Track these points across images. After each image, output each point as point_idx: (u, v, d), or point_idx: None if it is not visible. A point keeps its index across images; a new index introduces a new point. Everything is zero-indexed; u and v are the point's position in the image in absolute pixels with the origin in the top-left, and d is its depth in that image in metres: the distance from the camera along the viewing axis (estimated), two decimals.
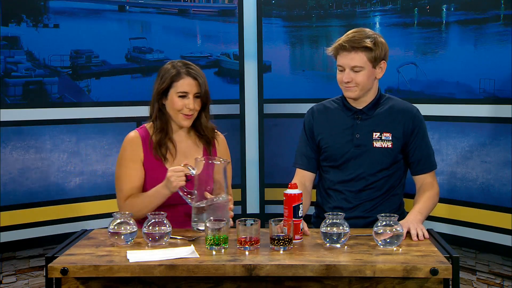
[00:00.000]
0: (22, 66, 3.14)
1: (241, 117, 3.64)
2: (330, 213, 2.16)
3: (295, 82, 3.59)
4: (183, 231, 2.37)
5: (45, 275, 2.01)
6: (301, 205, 2.20)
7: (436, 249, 2.10)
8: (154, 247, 2.14)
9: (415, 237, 2.21)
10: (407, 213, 2.47)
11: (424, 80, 3.22)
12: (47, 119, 3.20)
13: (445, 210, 3.14)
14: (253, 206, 3.68)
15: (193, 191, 2.34)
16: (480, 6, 3.02)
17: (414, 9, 3.27)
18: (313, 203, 2.68)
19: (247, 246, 2.08)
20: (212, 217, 2.17)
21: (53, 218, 3.23)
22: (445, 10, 3.17)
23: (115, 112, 3.34)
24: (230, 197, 2.37)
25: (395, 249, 2.10)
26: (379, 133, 2.48)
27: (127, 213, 2.21)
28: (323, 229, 2.14)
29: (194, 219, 2.34)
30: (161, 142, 2.49)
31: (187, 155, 2.53)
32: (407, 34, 3.28)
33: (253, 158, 3.63)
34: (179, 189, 2.33)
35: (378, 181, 2.49)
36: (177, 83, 2.46)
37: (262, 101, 3.63)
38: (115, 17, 3.39)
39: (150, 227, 2.16)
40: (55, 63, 3.22)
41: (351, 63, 2.41)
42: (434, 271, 1.91)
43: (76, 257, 2.03)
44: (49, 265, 1.96)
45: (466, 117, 3.07)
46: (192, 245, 2.14)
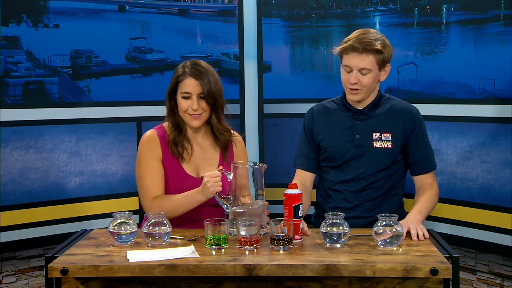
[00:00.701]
0: (22, 66, 3.14)
1: (241, 117, 3.64)
2: (330, 213, 2.16)
3: (295, 82, 3.59)
4: (183, 231, 2.37)
5: (45, 275, 2.01)
6: (301, 205, 2.20)
7: (436, 249, 2.10)
8: (154, 247, 2.14)
9: (415, 237, 2.21)
10: (407, 213, 2.47)
11: (424, 80, 3.22)
12: (47, 119, 3.20)
13: (445, 210, 3.13)
14: None
15: (229, 196, 2.32)
16: (480, 6, 3.02)
17: (414, 9, 3.27)
18: (313, 203, 2.68)
19: (247, 246, 2.08)
20: (248, 222, 2.12)
21: (53, 218, 3.22)
22: (445, 10, 3.17)
23: (115, 112, 3.34)
24: (266, 202, 2.32)
25: (395, 249, 2.10)
26: (379, 134, 2.48)
27: (127, 213, 2.21)
28: (323, 229, 2.14)
29: (229, 223, 2.27)
30: (176, 140, 2.48)
31: (203, 157, 2.53)
32: (407, 34, 3.28)
33: (253, 158, 3.63)
34: (215, 194, 2.32)
35: (378, 181, 2.49)
36: (181, 84, 2.47)
37: (262, 101, 3.63)
38: (115, 17, 3.39)
39: (150, 227, 2.16)
40: (55, 63, 3.22)
41: (360, 64, 2.40)
42: (434, 271, 1.92)
43: (76, 257, 2.03)
44: (49, 265, 1.96)
45: (466, 117, 3.07)
46: (192, 245, 2.14)
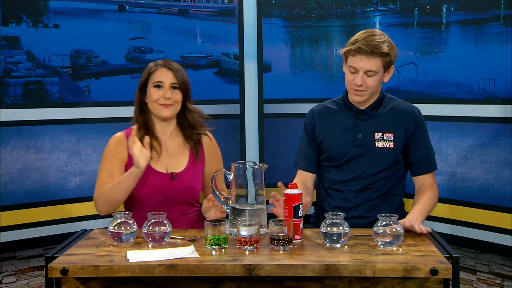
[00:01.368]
0: (22, 66, 3.14)
1: (241, 117, 3.64)
2: (330, 213, 2.16)
3: (295, 82, 3.59)
4: (183, 231, 2.37)
5: (45, 275, 2.01)
6: (301, 205, 2.20)
7: (436, 249, 2.10)
8: (154, 247, 2.14)
9: (419, 231, 2.21)
10: (407, 213, 2.47)
11: (424, 80, 3.22)
12: (47, 119, 3.20)
13: (445, 210, 3.13)
14: None
15: (229, 196, 2.33)
16: (480, 6, 3.02)
17: (414, 9, 3.27)
18: (313, 203, 2.68)
19: (247, 246, 2.08)
20: (248, 222, 2.14)
21: (53, 218, 3.22)
22: (445, 10, 3.17)
23: (115, 112, 3.34)
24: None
25: (395, 249, 2.10)
26: (381, 133, 2.49)
27: (127, 213, 2.21)
28: (323, 229, 2.14)
29: (230, 223, 2.29)
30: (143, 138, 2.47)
31: (172, 155, 2.53)
32: (407, 34, 3.28)
33: (253, 158, 3.63)
34: (216, 193, 2.34)
35: (379, 181, 2.49)
36: (153, 75, 2.52)
37: (262, 101, 3.63)
38: (115, 17, 3.39)
39: (150, 227, 2.16)
40: (55, 63, 3.22)
41: (366, 67, 2.39)
42: (434, 271, 1.92)
43: (76, 257, 2.03)
44: (49, 265, 1.96)
45: (466, 117, 3.07)
46: (192, 245, 2.14)
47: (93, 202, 2.48)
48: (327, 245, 2.13)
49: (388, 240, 2.11)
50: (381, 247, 2.11)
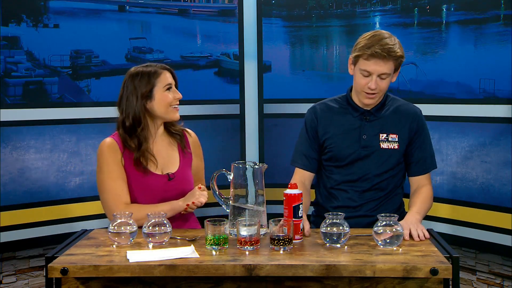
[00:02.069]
0: (22, 66, 3.14)
1: (241, 117, 3.64)
2: (330, 213, 2.16)
3: (295, 82, 3.59)
4: (183, 231, 2.37)
5: (45, 275, 2.01)
6: (301, 205, 2.20)
7: (436, 249, 2.10)
8: (154, 247, 2.14)
9: (416, 238, 2.21)
10: (406, 212, 2.48)
11: (424, 80, 3.22)
12: (47, 119, 3.20)
13: (445, 210, 3.14)
14: None
15: (229, 196, 2.33)
16: (480, 6, 3.02)
17: (414, 9, 3.27)
18: (312, 203, 2.68)
19: (247, 246, 2.08)
20: (248, 222, 2.14)
21: (53, 218, 3.22)
22: (445, 10, 3.17)
23: (115, 112, 3.32)
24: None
25: (395, 249, 2.10)
26: (385, 134, 2.49)
27: (127, 213, 2.21)
28: (323, 229, 2.14)
29: (229, 223, 2.28)
30: (143, 155, 2.47)
31: (164, 156, 2.54)
32: (407, 34, 3.28)
33: (253, 158, 3.63)
34: (217, 193, 2.37)
35: (383, 182, 2.50)
36: (159, 79, 2.49)
37: (262, 101, 3.63)
38: (115, 17, 3.39)
39: (150, 227, 2.16)
40: (55, 63, 3.22)
41: (381, 70, 2.38)
42: (434, 271, 1.92)
43: (76, 257, 2.03)
44: (49, 265, 1.96)
45: (466, 117, 3.07)
46: (192, 245, 2.14)
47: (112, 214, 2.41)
48: (327, 245, 2.13)
49: (388, 240, 2.11)
50: (381, 247, 2.11)
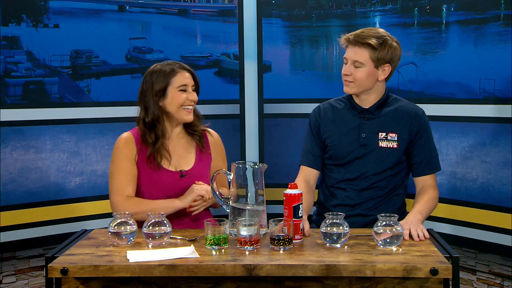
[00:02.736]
0: (22, 66, 3.14)
1: (241, 117, 3.64)
2: (330, 213, 2.16)
3: (295, 82, 3.59)
4: (183, 231, 2.37)
5: (45, 275, 2.01)
6: (301, 205, 2.20)
7: (436, 249, 2.10)
8: (154, 247, 2.14)
9: (416, 238, 2.21)
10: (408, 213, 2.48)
11: (424, 80, 3.22)
12: (47, 119, 3.20)
13: (445, 210, 3.13)
14: None
15: (229, 196, 2.33)
16: (480, 6, 3.02)
17: (414, 9, 3.27)
18: (315, 202, 2.68)
19: (247, 246, 2.08)
20: (248, 222, 2.14)
21: (53, 218, 3.23)
22: (445, 10, 3.17)
23: (115, 112, 3.34)
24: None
25: (395, 249, 2.10)
26: (385, 133, 2.49)
27: (127, 213, 2.21)
28: (323, 229, 2.14)
29: (229, 223, 2.28)
30: (158, 151, 2.49)
31: (181, 154, 2.54)
32: (407, 34, 3.28)
33: (253, 158, 3.63)
34: (217, 193, 2.37)
35: (381, 181, 2.50)
36: (175, 78, 2.49)
37: (262, 101, 3.63)
38: (115, 17, 3.39)
39: (150, 227, 2.16)
40: (55, 63, 3.22)
41: (353, 57, 2.44)
42: (434, 271, 1.91)
43: (76, 257, 2.03)
44: (49, 265, 1.96)
45: (466, 117, 3.07)
46: (192, 245, 2.14)
47: (112, 204, 2.45)
48: (327, 245, 2.13)
49: (388, 240, 2.11)
50: (381, 247, 2.11)
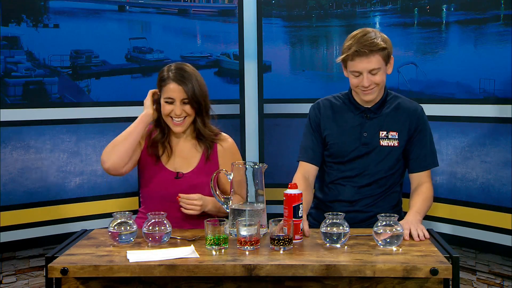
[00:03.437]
0: (22, 66, 3.14)
1: (241, 117, 3.64)
2: (330, 213, 2.16)
3: (295, 82, 3.59)
4: (183, 231, 2.37)
5: (45, 275, 2.01)
6: (301, 205, 2.20)
7: (436, 249, 2.10)
8: (154, 247, 2.14)
9: (416, 238, 2.21)
10: (404, 213, 2.48)
11: (424, 80, 3.22)
12: (47, 119, 3.20)
13: (445, 210, 3.13)
14: None
15: (229, 196, 2.33)
16: (480, 6, 3.02)
17: (414, 9, 3.27)
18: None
19: (247, 246, 2.08)
20: (248, 222, 2.14)
21: (53, 218, 3.22)
22: (445, 10, 3.17)
23: (115, 112, 3.34)
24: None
25: (395, 249, 2.10)
26: (385, 132, 2.50)
27: (127, 213, 2.21)
28: (323, 229, 2.14)
29: (229, 223, 2.28)
30: (157, 142, 2.52)
31: (184, 156, 2.54)
32: (407, 34, 3.28)
33: (253, 158, 3.63)
34: (216, 193, 2.34)
35: (381, 179, 2.51)
36: (164, 88, 2.48)
37: (262, 101, 3.63)
38: (115, 17, 3.39)
39: (150, 227, 2.16)
40: (55, 63, 3.22)
41: (369, 66, 2.39)
42: (434, 271, 1.92)
43: (76, 257, 2.03)
44: (49, 265, 1.96)
45: (466, 117, 3.07)
46: (192, 245, 2.14)
47: (101, 160, 2.49)
48: (327, 245, 2.14)
49: (388, 240, 2.11)
50: (381, 247, 2.11)
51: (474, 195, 3.05)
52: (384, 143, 2.50)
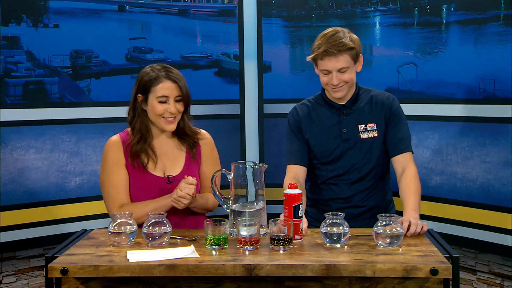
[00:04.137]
0: (22, 66, 3.14)
1: (241, 117, 3.64)
2: (330, 213, 2.17)
3: (295, 82, 3.59)
4: (183, 231, 2.37)
5: (45, 275, 2.01)
6: (301, 205, 2.20)
7: (436, 249, 2.10)
8: (154, 247, 2.14)
9: (411, 233, 2.22)
10: (392, 199, 2.56)
11: (424, 80, 3.22)
12: (47, 119, 3.20)
13: (445, 210, 3.13)
14: None
15: (229, 196, 2.33)
16: (480, 6, 3.02)
17: (414, 9, 3.27)
18: None
19: (247, 246, 2.08)
20: (248, 222, 2.14)
21: (53, 218, 3.23)
22: (445, 10, 3.17)
23: (115, 112, 3.34)
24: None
25: (395, 249, 2.10)
26: (364, 125, 2.54)
27: (127, 213, 2.21)
28: (323, 229, 2.14)
29: (230, 223, 2.27)
30: (139, 151, 2.45)
31: (169, 157, 2.51)
32: (407, 34, 3.28)
33: (253, 158, 3.63)
34: (217, 193, 2.35)
35: (371, 171, 2.55)
36: (155, 88, 2.43)
37: (262, 101, 3.63)
38: (115, 17, 3.39)
39: (150, 227, 2.16)
40: (55, 63, 3.22)
41: (338, 65, 2.45)
42: (434, 271, 1.92)
43: (76, 257, 2.03)
44: (49, 265, 1.96)
45: (466, 117, 3.07)
46: (192, 245, 2.14)
47: (109, 213, 2.43)
48: (327, 245, 2.13)
49: (388, 240, 2.11)
50: (381, 247, 2.11)
51: (474, 195, 3.05)
52: (364, 135, 2.54)
